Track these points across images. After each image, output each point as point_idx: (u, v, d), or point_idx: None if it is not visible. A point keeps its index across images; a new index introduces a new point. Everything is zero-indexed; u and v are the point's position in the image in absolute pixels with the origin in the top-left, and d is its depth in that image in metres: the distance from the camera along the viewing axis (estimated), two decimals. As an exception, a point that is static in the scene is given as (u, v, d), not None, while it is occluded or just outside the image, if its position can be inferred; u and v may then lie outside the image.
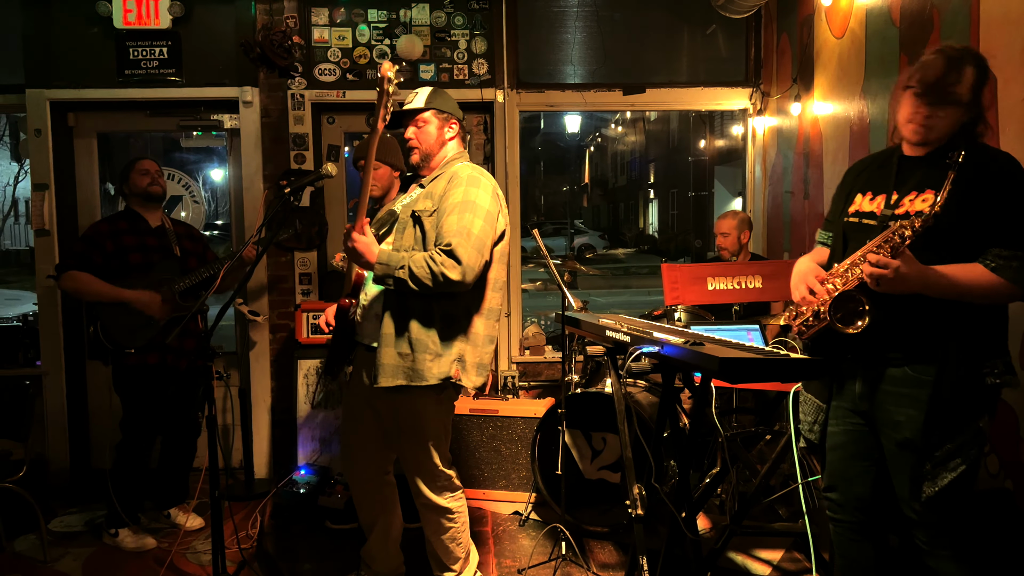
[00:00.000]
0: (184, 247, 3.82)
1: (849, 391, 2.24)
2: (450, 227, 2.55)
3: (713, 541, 3.27)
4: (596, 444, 3.69)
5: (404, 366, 2.63)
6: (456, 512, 2.85)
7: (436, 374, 2.63)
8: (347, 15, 4.65)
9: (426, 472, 2.78)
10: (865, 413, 2.20)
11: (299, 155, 4.62)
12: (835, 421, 2.30)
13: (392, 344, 2.64)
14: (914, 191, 2.14)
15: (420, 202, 2.70)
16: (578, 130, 23.76)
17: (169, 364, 3.67)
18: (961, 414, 2.02)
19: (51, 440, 4.57)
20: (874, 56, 3.50)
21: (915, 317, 2.07)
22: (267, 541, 3.68)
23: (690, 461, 2.84)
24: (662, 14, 4.99)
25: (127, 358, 3.59)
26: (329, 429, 4.40)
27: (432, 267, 2.49)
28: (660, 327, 2.92)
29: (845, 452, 2.27)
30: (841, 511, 2.32)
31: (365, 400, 2.85)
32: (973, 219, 2.03)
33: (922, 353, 2.07)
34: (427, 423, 2.74)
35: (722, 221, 4.39)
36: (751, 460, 3.50)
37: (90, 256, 3.60)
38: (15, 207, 22.53)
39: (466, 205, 2.60)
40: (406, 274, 2.50)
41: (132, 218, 3.74)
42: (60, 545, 3.67)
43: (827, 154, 3.97)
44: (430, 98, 2.80)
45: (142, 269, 3.65)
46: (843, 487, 2.29)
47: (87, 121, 4.73)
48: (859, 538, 2.29)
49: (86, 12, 4.48)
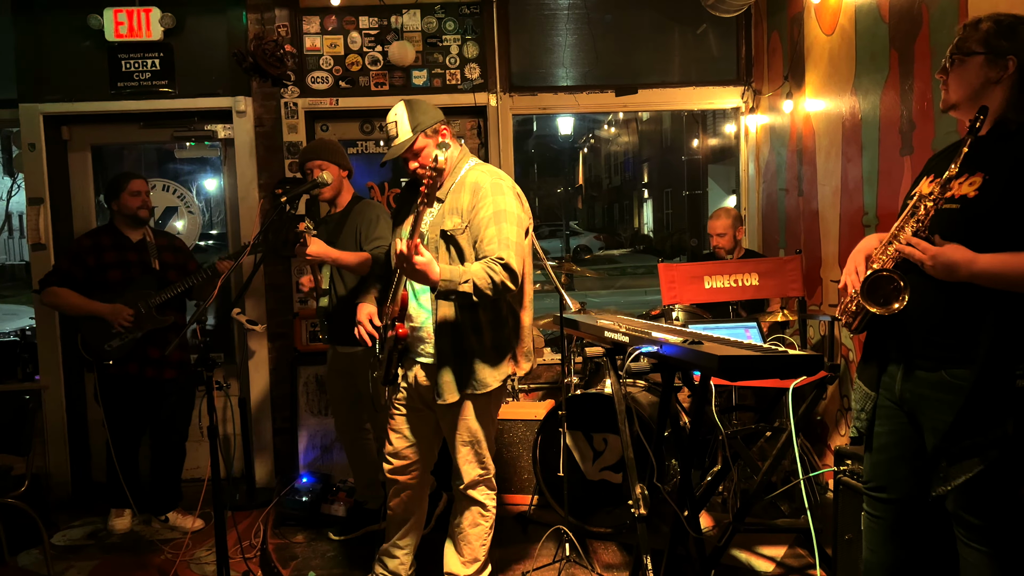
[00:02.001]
0: (164, 260, 3.97)
1: (892, 384, 2.16)
2: (492, 240, 2.64)
3: (716, 539, 3.27)
4: (597, 445, 3.70)
5: (466, 379, 2.76)
6: (490, 510, 2.93)
7: (497, 379, 2.80)
8: (339, 23, 4.66)
9: (477, 464, 2.87)
10: (909, 413, 2.12)
11: (294, 163, 4.62)
12: (882, 420, 2.22)
13: (451, 362, 2.75)
14: (966, 172, 2.02)
15: (447, 220, 2.74)
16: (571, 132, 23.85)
17: (150, 375, 3.86)
18: (984, 416, 1.94)
19: (52, 454, 4.56)
20: (864, 52, 3.51)
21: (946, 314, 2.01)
22: (271, 550, 3.68)
23: (691, 460, 2.86)
24: (653, 15, 5.00)
25: (108, 368, 3.79)
26: (330, 436, 4.40)
27: (493, 278, 2.58)
28: (658, 327, 2.93)
29: (891, 454, 2.20)
30: (884, 510, 2.26)
31: (421, 402, 2.93)
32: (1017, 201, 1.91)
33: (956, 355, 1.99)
34: (485, 419, 2.86)
35: (716, 222, 4.38)
36: (752, 457, 3.52)
37: (72, 272, 3.81)
38: (8, 221, 22.48)
39: (499, 215, 2.68)
40: (470, 288, 2.56)
41: (114, 234, 3.91)
42: (63, 559, 3.66)
43: (820, 150, 3.99)
44: (411, 121, 2.76)
45: (122, 284, 3.83)
46: (892, 488, 2.21)
47: (81, 134, 4.74)
48: (896, 538, 2.25)
49: (78, 26, 4.49)
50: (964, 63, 2.05)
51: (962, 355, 1.97)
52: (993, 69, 2.00)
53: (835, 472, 2.90)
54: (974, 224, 1.97)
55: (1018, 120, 1.98)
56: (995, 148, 2.00)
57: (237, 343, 4.81)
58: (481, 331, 2.76)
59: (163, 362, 3.88)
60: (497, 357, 2.80)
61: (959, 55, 2.06)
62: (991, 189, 1.96)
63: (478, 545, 2.92)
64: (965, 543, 2.04)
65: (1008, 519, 1.98)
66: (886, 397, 2.20)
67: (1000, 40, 1.99)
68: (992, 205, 1.94)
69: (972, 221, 1.98)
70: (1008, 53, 1.98)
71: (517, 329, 2.88)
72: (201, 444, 4.63)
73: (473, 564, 2.93)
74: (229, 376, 4.69)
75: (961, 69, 2.06)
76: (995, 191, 1.95)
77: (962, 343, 1.98)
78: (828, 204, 3.91)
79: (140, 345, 3.81)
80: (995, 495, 1.97)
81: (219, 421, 4.52)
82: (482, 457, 2.88)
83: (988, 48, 2.00)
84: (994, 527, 1.99)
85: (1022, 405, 1.92)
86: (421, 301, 2.83)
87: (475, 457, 2.87)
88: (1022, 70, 1.97)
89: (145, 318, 3.80)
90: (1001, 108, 2.00)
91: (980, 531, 2.01)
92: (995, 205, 1.94)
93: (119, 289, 3.81)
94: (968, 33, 2.05)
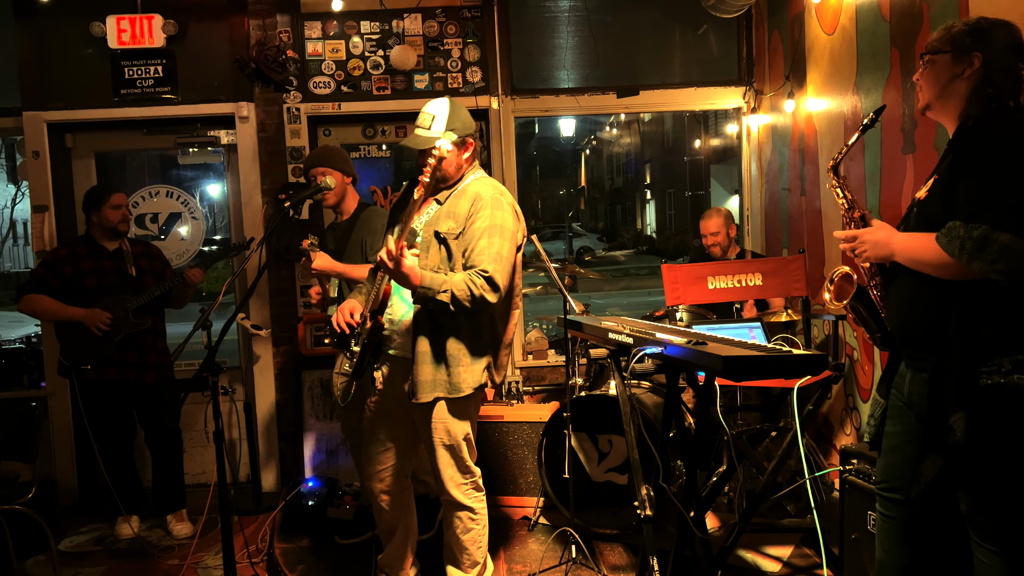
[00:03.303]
0: (140, 266, 4.01)
1: (902, 385, 2.18)
2: (482, 252, 2.64)
3: (722, 539, 3.27)
4: (602, 446, 3.70)
5: (441, 381, 2.74)
6: (479, 513, 2.90)
7: (471, 384, 2.75)
8: (340, 28, 4.67)
9: (457, 470, 2.84)
10: (918, 413, 2.13)
11: (296, 168, 4.63)
12: (893, 420, 2.23)
13: (429, 362, 2.73)
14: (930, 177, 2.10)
15: (443, 222, 2.73)
16: (573, 134, 23.86)
17: (131, 379, 3.89)
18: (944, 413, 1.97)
19: (58, 460, 4.58)
20: (866, 51, 3.52)
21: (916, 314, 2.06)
22: (277, 554, 3.68)
23: (697, 460, 2.85)
24: (653, 16, 5.01)
25: (86, 374, 3.82)
26: (335, 440, 4.41)
27: (472, 290, 2.58)
28: (663, 328, 2.93)
29: (904, 455, 2.20)
30: (897, 510, 2.26)
31: (396, 403, 2.90)
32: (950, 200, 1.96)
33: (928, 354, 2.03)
34: (460, 426, 2.82)
35: (708, 221, 4.39)
36: (757, 457, 3.51)
37: (47, 280, 3.86)
38: (12, 229, 22.54)
39: (494, 229, 2.68)
40: (448, 298, 2.57)
41: (90, 243, 3.96)
42: (71, 565, 3.68)
43: (822, 150, 3.99)
44: (448, 123, 2.72)
45: (99, 290, 3.87)
46: (904, 488, 2.22)
47: (85, 142, 4.75)
48: (910, 538, 2.25)
49: (80, 33, 4.51)
50: (934, 63, 2.11)
51: (933, 353, 2.02)
52: (959, 65, 2.05)
53: (841, 471, 2.90)
54: (923, 223, 2.03)
55: (975, 115, 2.03)
56: (949, 148, 2.08)
57: (242, 348, 4.82)
58: (462, 335, 2.73)
59: (143, 366, 3.92)
60: (474, 364, 2.76)
61: (929, 55, 2.12)
62: (936, 187, 2.03)
63: (475, 549, 2.89)
64: (978, 543, 2.04)
65: (1020, 519, 1.98)
66: (897, 399, 2.22)
67: (966, 39, 2.05)
68: (935, 202, 2.01)
69: (921, 218, 2.05)
70: (973, 50, 2.03)
71: (495, 339, 2.85)
72: (207, 449, 4.64)
73: (473, 568, 2.91)
74: (234, 381, 4.70)
75: (931, 68, 2.12)
76: (938, 188, 2.01)
77: (933, 342, 2.01)
78: (831, 203, 3.91)
79: (119, 349, 3.84)
80: (1005, 495, 1.97)
81: (224, 426, 4.53)
82: (463, 461, 2.83)
83: (954, 46, 2.06)
84: (1005, 528, 1.99)
85: (985, 402, 1.92)
86: (404, 295, 2.78)
87: (455, 462, 2.81)
88: (988, 67, 2.01)
89: (123, 322, 3.83)
90: (963, 104, 2.05)
91: (992, 532, 2.01)
92: (937, 201, 2.00)
93: (96, 295, 3.84)
94: (939, 35, 2.11)
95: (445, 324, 2.72)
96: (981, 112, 2.01)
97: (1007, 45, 2.01)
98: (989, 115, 2.00)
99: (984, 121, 2.00)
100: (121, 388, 3.89)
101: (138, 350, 3.89)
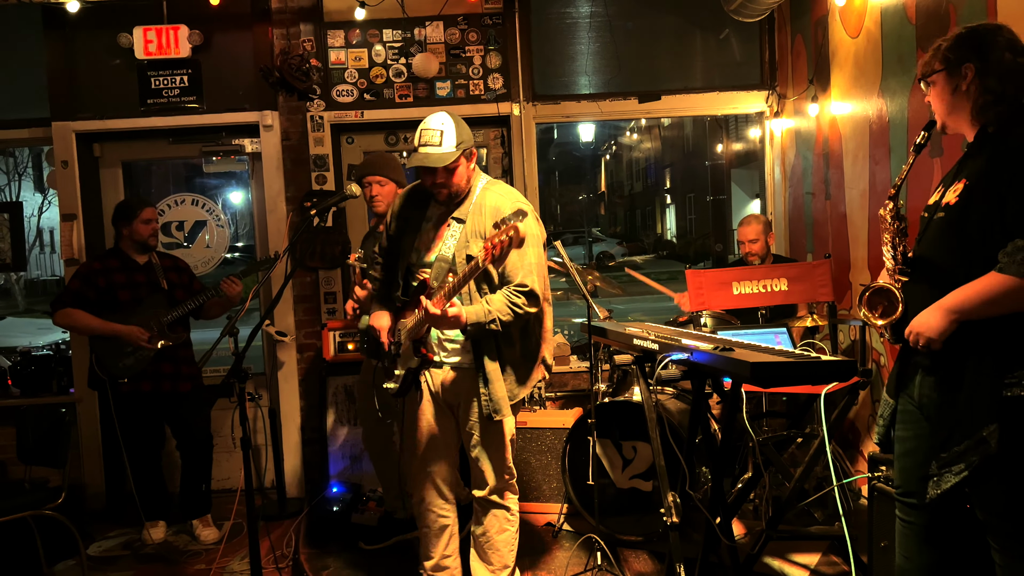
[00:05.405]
0: (171, 280, 4.07)
1: (913, 389, 2.18)
2: (515, 266, 2.72)
3: (749, 547, 3.25)
4: (627, 453, 3.68)
5: (512, 391, 2.84)
6: (515, 515, 2.96)
7: (531, 386, 2.92)
8: (363, 36, 4.71)
9: (503, 468, 2.90)
10: (928, 417, 2.13)
11: (320, 176, 4.67)
12: (905, 425, 2.22)
13: (500, 379, 2.81)
14: (955, 180, 2.09)
15: (473, 245, 2.74)
16: (593, 139, 23.81)
17: (166, 390, 3.94)
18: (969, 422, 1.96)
19: (87, 466, 4.64)
20: (891, 54, 3.49)
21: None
22: (303, 560, 3.70)
23: (723, 467, 2.84)
24: (675, 21, 5.00)
25: (121, 386, 3.86)
26: (359, 446, 4.42)
27: (515, 310, 2.70)
28: (688, 333, 2.92)
29: (917, 459, 2.18)
30: (916, 516, 2.24)
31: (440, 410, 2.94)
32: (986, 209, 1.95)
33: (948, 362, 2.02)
34: (510, 423, 2.91)
35: (747, 228, 4.34)
36: (784, 464, 3.48)
37: (84, 293, 3.88)
38: (40, 237, 22.88)
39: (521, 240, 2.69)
40: (497, 325, 2.68)
41: (122, 257, 4.00)
42: (99, 570, 3.72)
43: (847, 154, 3.96)
44: (458, 136, 2.75)
45: (132, 304, 3.91)
46: (920, 493, 2.19)
47: (112, 151, 4.82)
48: (930, 544, 2.23)
49: (108, 44, 4.58)
50: (934, 83, 2.11)
51: (953, 362, 2.01)
52: (955, 80, 2.05)
53: (869, 478, 2.87)
54: (955, 228, 2.02)
55: (991, 121, 2.02)
56: (977, 154, 2.06)
57: (266, 354, 4.85)
58: (513, 343, 2.83)
59: (178, 376, 3.97)
60: (532, 367, 2.90)
61: (925, 79, 2.13)
62: (969, 193, 2.00)
63: (507, 551, 2.92)
64: (997, 549, 2.04)
65: None
66: (908, 402, 2.22)
67: (953, 52, 2.05)
68: (969, 208, 1.99)
69: (953, 225, 2.03)
70: (964, 61, 2.03)
71: (542, 334, 2.96)
72: (233, 455, 4.67)
73: (504, 571, 2.92)
74: (259, 387, 4.73)
75: (934, 90, 2.12)
76: (971, 194, 1.99)
77: (953, 350, 2.00)
78: (856, 207, 3.88)
79: (153, 362, 3.88)
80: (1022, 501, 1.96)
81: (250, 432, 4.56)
82: (506, 462, 2.91)
83: (946, 63, 2.06)
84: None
85: (1010, 414, 1.92)
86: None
87: (501, 463, 2.89)
88: (983, 74, 2.01)
89: (158, 336, 3.88)
90: (973, 113, 2.05)
91: (1011, 537, 2.00)
92: (971, 208, 1.99)
93: (130, 309, 3.89)
94: (929, 55, 2.11)
95: (499, 336, 2.78)
96: (994, 117, 2.01)
97: (999, 46, 2.00)
98: (1012, 120, 2.00)
99: (1008, 128, 1.99)
100: (156, 399, 3.94)
101: (172, 361, 3.95)
